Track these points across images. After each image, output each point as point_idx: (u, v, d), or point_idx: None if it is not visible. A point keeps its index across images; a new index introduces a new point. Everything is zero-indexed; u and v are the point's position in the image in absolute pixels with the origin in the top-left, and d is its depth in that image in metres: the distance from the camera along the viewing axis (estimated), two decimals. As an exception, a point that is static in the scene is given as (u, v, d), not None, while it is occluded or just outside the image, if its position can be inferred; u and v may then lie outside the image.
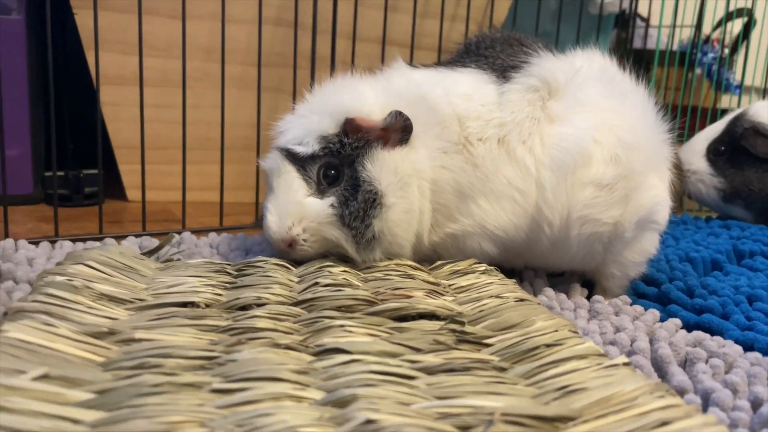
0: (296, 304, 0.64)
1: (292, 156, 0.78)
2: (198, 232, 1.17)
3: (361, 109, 0.79)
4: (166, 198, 1.46)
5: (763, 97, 1.88)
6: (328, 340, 0.55)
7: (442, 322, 0.62)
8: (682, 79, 1.97)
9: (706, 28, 2.11)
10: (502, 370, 0.53)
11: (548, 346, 0.56)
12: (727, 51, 2.58)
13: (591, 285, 0.92)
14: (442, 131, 0.79)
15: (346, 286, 0.68)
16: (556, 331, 0.59)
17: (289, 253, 0.78)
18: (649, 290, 0.91)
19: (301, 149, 0.78)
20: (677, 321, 0.77)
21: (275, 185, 0.79)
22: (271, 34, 1.45)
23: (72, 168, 1.38)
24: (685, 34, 2.11)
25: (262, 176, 1.26)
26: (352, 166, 0.77)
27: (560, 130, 0.79)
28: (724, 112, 1.89)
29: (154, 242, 0.97)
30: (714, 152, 1.44)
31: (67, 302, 0.58)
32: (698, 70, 2.24)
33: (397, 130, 0.78)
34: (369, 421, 0.41)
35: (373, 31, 1.41)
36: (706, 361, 0.66)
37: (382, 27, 1.32)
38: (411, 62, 0.97)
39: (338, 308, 0.63)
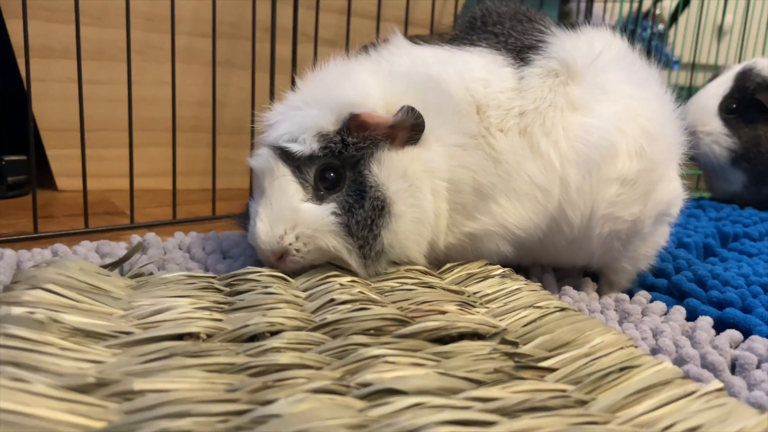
0: (316, 328, 0.54)
1: (286, 155, 0.67)
2: (151, 227, 1.03)
3: (365, 102, 0.68)
4: (101, 186, 1.29)
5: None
6: (371, 377, 0.46)
7: (488, 343, 0.53)
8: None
9: (645, 3, 2.10)
10: (583, 403, 0.45)
11: (621, 369, 0.49)
12: (663, 27, 2.60)
13: (592, 274, 0.87)
14: (460, 122, 0.69)
15: (367, 302, 0.58)
16: (621, 348, 0.52)
17: (277, 265, 0.68)
18: (657, 282, 0.86)
19: (298, 148, 0.67)
20: (708, 319, 0.72)
21: (267, 189, 0.68)
22: (221, 1, 1.30)
23: (-10, 154, 1.20)
24: (624, 9, 2.10)
25: (220, 162, 1.13)
26: (355, 169, 0.67)
27: (584, 121, 0.71)
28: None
29: (108, 243, 0.83)
30: (726, 110, 1.41)
31: (35, 344, 0.45)
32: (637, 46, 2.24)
33: (407, 128, 0.68)
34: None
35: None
36: (758, 366, 0.61)
37: (346, -5, 1.21)
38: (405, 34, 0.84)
39: (365, 331, 0.54)
